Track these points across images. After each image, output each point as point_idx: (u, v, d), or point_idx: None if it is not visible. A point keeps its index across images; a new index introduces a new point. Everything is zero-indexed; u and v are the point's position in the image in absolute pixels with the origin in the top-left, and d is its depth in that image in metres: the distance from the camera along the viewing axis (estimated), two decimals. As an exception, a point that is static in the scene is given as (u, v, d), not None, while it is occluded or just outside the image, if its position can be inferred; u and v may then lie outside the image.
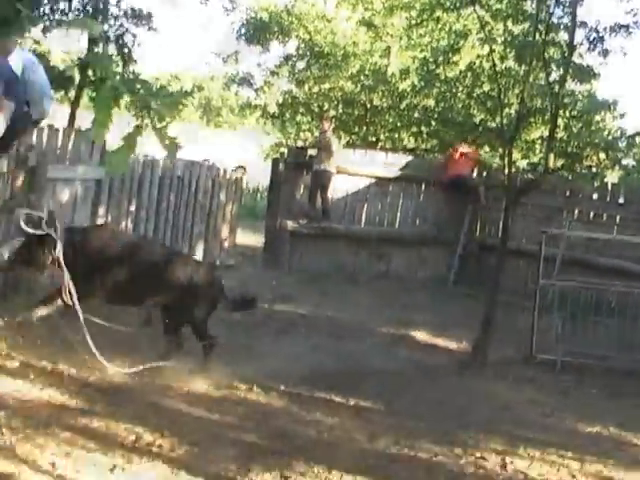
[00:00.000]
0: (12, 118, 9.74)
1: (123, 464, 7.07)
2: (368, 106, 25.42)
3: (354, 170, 18.37)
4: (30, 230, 8.95)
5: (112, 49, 24.02)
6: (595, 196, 18.19)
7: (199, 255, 16.64)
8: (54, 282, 9.41)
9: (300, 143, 27.93)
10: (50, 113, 11.54)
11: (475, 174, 19.16)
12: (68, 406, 8.30)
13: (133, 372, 9.12)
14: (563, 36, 16.02)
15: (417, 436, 8.49)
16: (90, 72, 23.28)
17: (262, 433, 8.19)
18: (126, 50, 24.02)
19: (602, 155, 24.85)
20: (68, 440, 7.38)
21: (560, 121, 21.02)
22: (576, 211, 17.92)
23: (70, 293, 8.90)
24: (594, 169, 25.69)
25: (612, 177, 29.61)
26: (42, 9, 22.52)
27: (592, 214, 17.88)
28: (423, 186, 19.24)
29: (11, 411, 7.76)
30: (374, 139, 25.59)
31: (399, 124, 25.16)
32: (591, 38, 14.46)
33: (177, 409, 8.60)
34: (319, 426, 8.62)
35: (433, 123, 24.71)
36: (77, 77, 23.97)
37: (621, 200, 17.85)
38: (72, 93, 24.24)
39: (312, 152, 18.19)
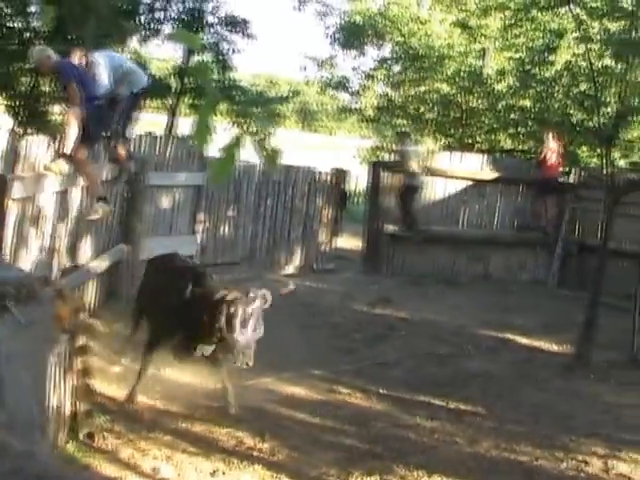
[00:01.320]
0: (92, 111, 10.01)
1: (224, 468, 7.20)
2: (464, 108, 25.33)
3: (452, 173, 18.33)
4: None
5: (209, 57, 24.32)
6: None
7: (297, 259, 16.80)
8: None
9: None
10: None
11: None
12: (170, 410, 8.46)
13: None
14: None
15: (518, 440, 8.45)
16: (187, 80, 23.61)
17: (362, 437, 8.24)
18: (223, 57, 24.29)
19: None
20: (170, 444, 7.53)
21: (660, 119, 20.72)
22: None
23: None
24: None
25: None
26: (138, 19, 22.89)
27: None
28: (521, 187, 19.10)
29: (114, 415, 7.94)
30: (471, 141, 25.48)
31: (496, 125, 25.01)
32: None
33: (278, 413, 8.69)
34: (419, 430, 8.64)
35: (530, 124, 24.49)
36: (175, 85, 24.33)
37: None
38: (170, 101, 24.61)
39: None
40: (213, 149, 3.59)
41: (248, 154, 4.00)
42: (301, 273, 16.61)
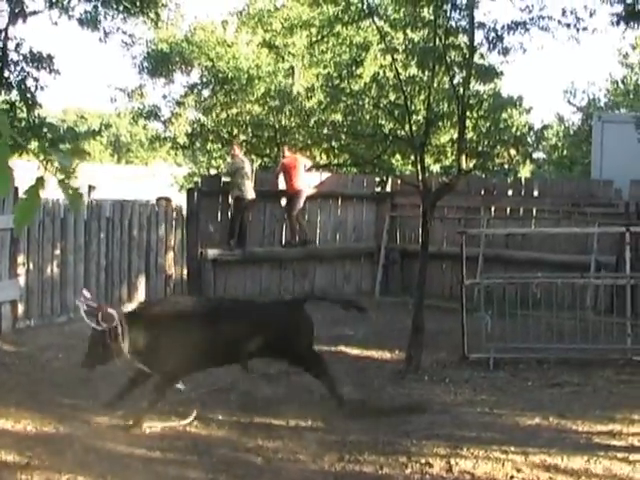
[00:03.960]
0: None
1: (69, 517, 6.97)
2: (277, 127, 25.48)
3: (269, 192, 18.44)
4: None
5: (15, 95, 23.72)
6: (510, 192, 18.43)
7: (140, 295, 16.46)
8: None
9: (213, 171, 27.99)
10: None
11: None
12: (6, 462, 8.13)
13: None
14: (463, 39, 16.21)
15: (361, 450, 8.48)
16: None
17: (206, 466, 8.11)
18: (29, 95, 23.72)
19: (513, 151, 25.30)
20: (10, 499, 7.24)
21: (468, 122, 21.32)
22: (493, 209, 18.11)
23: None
24: (506, 165, 26.17)
25: (525, 172, 30.14)
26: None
27: (509, 210, 18.12)
28: (340, 201, 19.33)
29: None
30: (285, 159, 25.68)
31: (309, 142, 25.25)
32: (490, 38, 14.63)
33: (117, 451, 8.48)
34: (262, 451, 8.57)
35: (343, 137, 24.85)
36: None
37: (535, 193, 18.11)
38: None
39: (226, 179, 18.18)
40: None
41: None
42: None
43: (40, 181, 3.51)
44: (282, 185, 18.61)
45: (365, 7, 16.60)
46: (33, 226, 14.46)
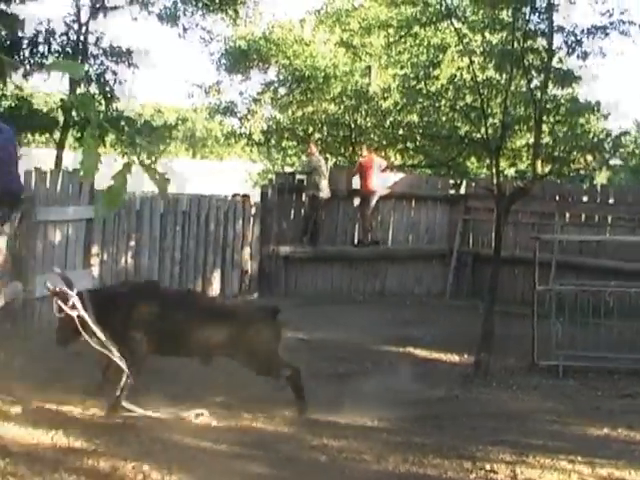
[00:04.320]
0: None
1: (132, 504, 7.02)
2: (352, 126, 25.50)
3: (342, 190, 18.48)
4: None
5: (94, 88, 24.04)
6: (585, 198, 18.22)
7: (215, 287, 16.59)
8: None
9: (288, 168, 28.09)
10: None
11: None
12: (74, 448, 8.20)
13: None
14: (541, 42, 16.09)
15: (425, 453, 8.42)
16: (74, 113, 23.28)
17: (271, 461, 8.12)
18: (108, 88, 24.03)
19: (589, 157, 24.99)
20: (76, 484, 7.30)
21: (545, 127, 21.13)
22: (567, 215, 17.91)
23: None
24: (582, 171, 25.86)
25: (601, 178, 29.73)
26: (22, 53, 22.55)
27: (584, 216, 17.90)
28: (414, 202, 19.28)
29: (16, 458, 7.67)
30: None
31: (384, 142, 25.23)
32: (569, 42, 14.52)
33: (183, 443, 8.52)
34: (327, 450, 8.55)
35: (418, 139, 24.79)
36: (61, 119, 23.97)
37: (611, 200, 17.86)
38: (57, 135, 24.22)
39: (301, 177, 18.27)
40: (102, 182, 3.53)
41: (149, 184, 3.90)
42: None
43: (127, 166, 3.54)
44: (356, 184, 18.66)
45: (443, 9, 16.57)
46: (109, 217, 14.61)
